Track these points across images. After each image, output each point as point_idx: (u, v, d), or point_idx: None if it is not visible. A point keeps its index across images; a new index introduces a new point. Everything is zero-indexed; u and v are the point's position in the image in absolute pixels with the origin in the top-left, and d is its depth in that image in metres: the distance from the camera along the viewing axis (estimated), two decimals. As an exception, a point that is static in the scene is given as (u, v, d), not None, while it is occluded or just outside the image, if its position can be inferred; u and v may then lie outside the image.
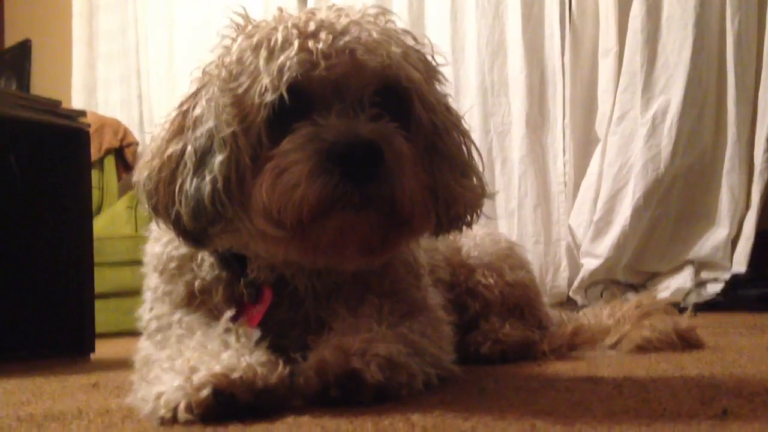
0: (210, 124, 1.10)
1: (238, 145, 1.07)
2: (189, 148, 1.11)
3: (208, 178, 1.07)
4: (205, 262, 1.23)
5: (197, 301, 1.23)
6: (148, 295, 1.30)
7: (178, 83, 4.81)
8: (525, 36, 3.83)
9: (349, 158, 1.01)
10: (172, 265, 1.25)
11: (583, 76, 3.80)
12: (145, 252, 1.33)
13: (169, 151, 1.12)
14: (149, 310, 1.28)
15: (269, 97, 1.05)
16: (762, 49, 3.44)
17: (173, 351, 1.07)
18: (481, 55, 3.95)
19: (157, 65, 5.06)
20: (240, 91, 1.08)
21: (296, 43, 1.07)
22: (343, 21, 1.12)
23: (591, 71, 3.79)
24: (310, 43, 1.07)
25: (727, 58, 3.47)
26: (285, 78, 1.05)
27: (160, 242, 1.28)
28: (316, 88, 1.07)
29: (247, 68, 1.09)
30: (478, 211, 1.22)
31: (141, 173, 1.15)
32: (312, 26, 1.10)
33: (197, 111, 1.13)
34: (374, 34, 1.10)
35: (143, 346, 1.22)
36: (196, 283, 1.23)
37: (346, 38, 1.08)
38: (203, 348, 1.04)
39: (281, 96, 1.05)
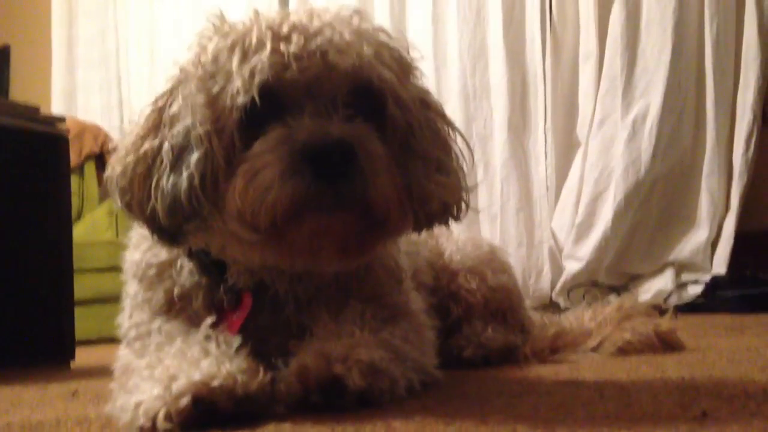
0: (187, 121, 1.09)
1: (212, 145, 1.07)
2: (166, 144, 1.10)
3: (185, 174, 1.07)
4: (185, 268, 1.22)
5: (177, 308, 1.21)
6: (127, 303, 1.28)
7: (159, 89, 4.77)
8: (506, 41, 3.85)
9: (321, 158, 1.00)
10: (152, 272, 1.24)
11: (564, 81, 3.83)
12: (124, 259, 1.31)
13: (145, 147, 1.11)
14: (128, 317, 1.26)
15: (241, 100, 1.05)
16: (740, 53, 3.48)
17: (152, 359, 1.06)
18: (462, 60, 3.96)
19: (138, 71, 5.04)
20: (214, 91, 1.08)
21: (269, 46, 1.07)
22: (316, 23, 1.11)
23: (572, 76, 3.82)
24: (282, 46, 1.07)
25: (706, 62, 3.51)
26: (256, 80, 1.05)
27: (140, 249, 1.27)
28: (288, 91, 1.07)
29: (222, 68, 1.08)
30: (462, 205, 1.22)
31: (114, 169, 1.14)
32: (285, 29, 1.09)
33: (174, 108, 1.12)
34: (346, 35, 1.10)
35: (122, 354, 1.21)
36: (176, 290, 1.22)
37: (318, 40, 1.08)
38: (183, 356, 1.03)
39: (253, 99, 1.05)
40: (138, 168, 1.11)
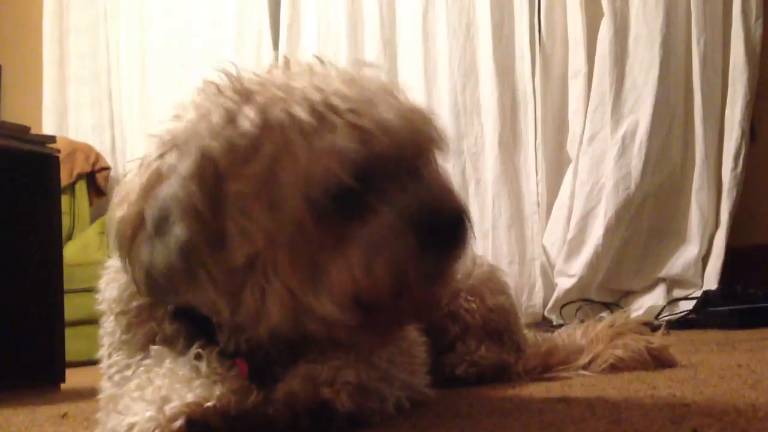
0: (175, 190, 1.00)
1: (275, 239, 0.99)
2: (149, 212, 1.02)
3: (163, 252, 1.00)
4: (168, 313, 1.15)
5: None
6: (105, 341, 1.21)
7: (150, 107, 4.78)
8: (496, 58, 3.88)
9: (444, 231, 1.01)
10: (131, 312, 1.17)
11: (554, 98, 3.85)
12: (99, 289, 1.23)
13: (136, 207, 1.05)
14: (107, 356, 1.19)
15: (332, 188, 0.97)
16: (727, 69, 3.52)
17: (142, 380, 1.04)
18: (453, 77, 3.98)
19: (129, 88, 5.03)
20: (269, 178, 0.99)
21: (339, 122, 0.99)
22: (357, 90, 1.04)
23: (561, 92, 3.85)
24: (354, 118, 1.00)
25: (694, 77, 3.54)
26: (346, 160, 0.97)
27: (118, 284, 1.19)
28: (373, 165, 1.00)
29: (278, 155, 0.99)
30: None
31: (114, 213, 1.08)
32: (336, 101, 1.01)
33: (164, 170, 1.03)
34: (404, 102, 1.09)
35: (105, 387, 1.15)
36: (157, 338, 1.14)
37: (389, 103, 1.04)
38: (174, 375, 1.02)
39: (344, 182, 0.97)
40: (127, 230, 1.05)
